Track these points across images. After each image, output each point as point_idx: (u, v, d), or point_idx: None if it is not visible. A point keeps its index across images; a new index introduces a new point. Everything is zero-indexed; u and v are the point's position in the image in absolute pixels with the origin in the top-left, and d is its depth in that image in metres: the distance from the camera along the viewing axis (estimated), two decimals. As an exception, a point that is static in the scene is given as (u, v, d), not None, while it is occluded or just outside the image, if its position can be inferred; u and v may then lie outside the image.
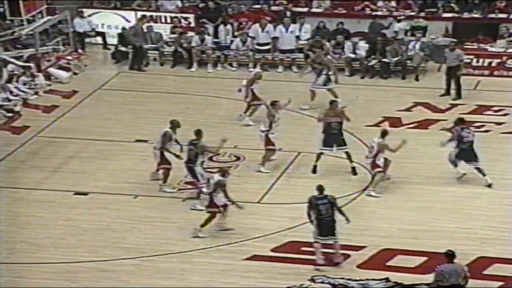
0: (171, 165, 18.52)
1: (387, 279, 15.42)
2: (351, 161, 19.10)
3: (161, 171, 18.65)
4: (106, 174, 19.41)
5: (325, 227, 15.83)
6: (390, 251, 16.26)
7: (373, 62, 25.49)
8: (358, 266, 15.87)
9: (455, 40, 25.42)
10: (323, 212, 15.83)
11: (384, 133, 18.45)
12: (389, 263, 15.96)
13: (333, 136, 19.02)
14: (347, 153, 19.14)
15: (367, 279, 15.41)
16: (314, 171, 19.13)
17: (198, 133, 18.23)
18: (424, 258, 15.99)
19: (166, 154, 18.54)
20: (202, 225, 16.79)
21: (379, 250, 16.31)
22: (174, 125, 18.71)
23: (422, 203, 18.04)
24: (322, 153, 19.12)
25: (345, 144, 19.12)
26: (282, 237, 16.79)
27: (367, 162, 18.67)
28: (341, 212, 16.02)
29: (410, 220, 17.35)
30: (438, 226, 17.10)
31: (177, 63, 26.42)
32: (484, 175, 18.56)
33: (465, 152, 18.64)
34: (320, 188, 16.04)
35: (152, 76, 25.77)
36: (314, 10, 27.93)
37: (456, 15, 27.13)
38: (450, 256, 14.01)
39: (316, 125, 20.51)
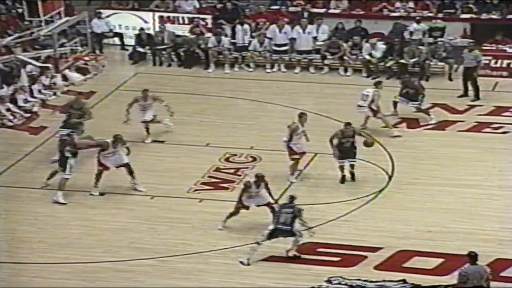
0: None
1: (404, 281, 15.38)
2: (352, 168, 18.98)
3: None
4: (123, 175, 19.41)
5: (277, 232, 15.98)
6: (407, 253, 16.22)
7: (391, 63, 25.43)
8: (375, 268, 15.84)
9: (473, 41, 25.31)
10: (281, 220, 15.93)
11: (377, 83, 20.88)
12: (405, 265, 15.92)
13: (345, 150, 18.86)
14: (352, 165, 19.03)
15: (383, 281, 15.38)
16: (342, 181, 18.96)
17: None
18: (441, 260, 15.94)
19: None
20: None
21: (396, 252, 16.28)
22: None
23: (439, 205, 17.98)
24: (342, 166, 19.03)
25: (355, 156, 19.00)
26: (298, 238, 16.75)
27: (363, 110, 20.11)
28: (303, 224, 16.08)
29: (427, 222, 17.30)
30: (455, 227, 17.05)
31: (194, 64, 26.46)
32: None
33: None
34: (291, 198, 16.20)
35: (169, 77, 25.82)
36: (331, 11, 27.88)
37: (474, 16, 27.03)
38: (473, 257, 13.92)
39: (333, 126, 20.55)
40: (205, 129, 21.68)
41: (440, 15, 27.07)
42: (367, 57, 25.57)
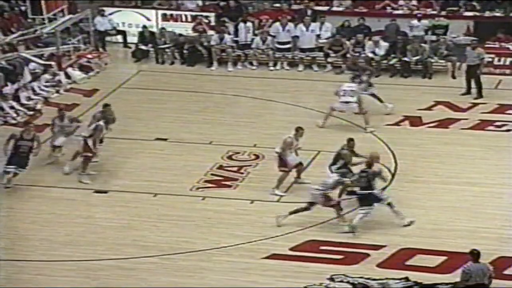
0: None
1: (406, 279, 15.38)
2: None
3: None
4: (126, 172, 19.49)
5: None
6: (410, 251, 16.22)
7: (394, 61, 25.42)
8: (378, 265, 15.85)
9: (476, 39, 25.29)
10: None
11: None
12: (408, 263, 15.92)
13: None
14: None
15: (386, 279, 15.38)
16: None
17: None
18: (444, 258, 15.94)
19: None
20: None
21: (399, 250, 16.28)
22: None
23: (442, 203, 17.98)
24: None
25: None
26: (301, 236, 16.79)
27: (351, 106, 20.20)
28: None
29: (429, 220, 17.30)
30: (458, 225, 17.05)
31: (197, 62, 26.48)
32: None
33: None
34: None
35: (172, 75, 25.84)
36: (335, 8, 27.87)
37: (477, 13, 27.02)
38: (476, 255, 13.91)
39: (336, 124, 20.57)
40: (208, 127, 21.69)
41: (443, 12, 27.05)
42: (370, 55, 25.56)
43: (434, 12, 27.12)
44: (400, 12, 27.30)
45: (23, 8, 28.14)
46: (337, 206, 17.13)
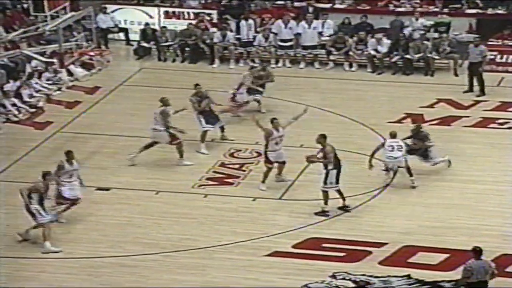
0: None
1: (408, 276, 15.40)
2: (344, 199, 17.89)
3: None
4: (128, 170, 19.49)
5: None
6: (412, 248, 16.23)
7: (396, 58, 25.42)
8: (380, 263, 15.86)
9: (478, 36, 25.29)
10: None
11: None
12: (410, 260, 15.93)
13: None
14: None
15: (388, 276, 15.39)
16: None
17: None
18: (446, 255, 15.95)
19: None
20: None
21: (401, 247, 16.29)
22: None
23: (444, 200, 17.99)
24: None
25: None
26: (303, 233, 16.82)
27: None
28: None
29: (431, 217, 17.31)
30: (460, 223, 17.06)
31: (199, 59, 26.51)
32: None
33: None
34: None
35: (174, 72, 25.86)
36: (337, 6, 27.85)
37: (480, 11, 27.00)
38: (478, 252, 13.91)
39: (338, 121, 20.55)
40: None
41: (445, 10, 27.04)
42: (373, 52, 25.56)
43: (437, 10, 27.09)
44: (402, 9, 27.26)
45: (25, 5, 28.15)
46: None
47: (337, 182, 17.48)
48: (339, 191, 17.58)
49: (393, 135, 18.64)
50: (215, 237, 16.72)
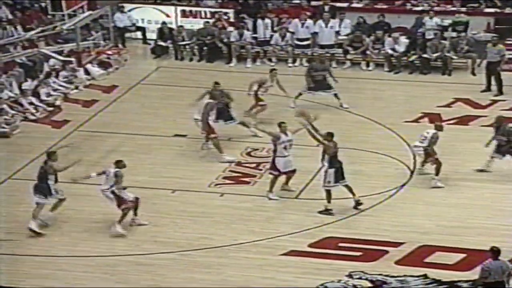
0: None
1: (425, 276, 15.34)
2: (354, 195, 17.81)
3: None
4: (145, 169, 19.52)
5: None
6: (429, 248, 16.17)
7: (413, 57, 25.34)
8: (396, 263, 15.80)
9: (496, 35, 25.17)
10: None
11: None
12: (427, 260, 15.87)
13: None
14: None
15: (405, 276, 15.34)
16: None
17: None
18: (463, 255, 15.88)
19: None
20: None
21: (418, 247, 16.23)
22: None
23: (460, 200, 17.92)
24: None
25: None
26: (319, 232, 16.79)
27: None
28: None
29: (448, 217, 17.24)
30: (477, 223, 16.98)
31: (216, 58, 26.53)
32: None
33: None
34: None
35: (191, 71, 25.88)
36: (354, 5, 27.80)
37: (498, 10, 26.87)
38: (496, 252, 13.84)
39: (355, 121, 20.47)
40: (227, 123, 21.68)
41: (463, 9, 26.92)
42: (390, 51, 25.49)
43: (455, 9, 26.98)
44: (419, 8, 27.17)
45: (43, 4, 28.26)
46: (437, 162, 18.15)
47: (342, 179, 17.38)
48: (347, 187, 17.49)
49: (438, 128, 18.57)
50: (231, 236, 16.71)
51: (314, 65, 22.92)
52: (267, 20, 26.62)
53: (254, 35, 26.53)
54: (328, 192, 17.42)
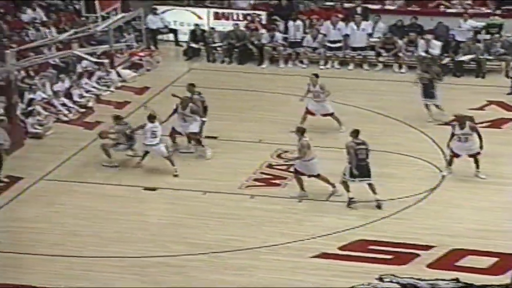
0: None
1: (457, 280, 15.18)
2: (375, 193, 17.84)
3: None
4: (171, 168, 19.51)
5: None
6: (460, 251, 16.00)
7: (446, 60, 25.14)
8: (427, 266, 15.66)
9: (530, 37, 24.97)
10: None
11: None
12: (458, 263, 15.71)
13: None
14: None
15: (436, 279, 15.19)
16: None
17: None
18: (495, 259, 15.70)
19: None
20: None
21: (449, 250, 16.07)
22: None
23: (493, 203, 17.73)
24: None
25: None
26: (350, 235, 16.68)
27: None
28: None
29: (480, 220, 17.06)
30: (510, 226, 16.78)
31: (247, 60, 26.52)
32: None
33: None
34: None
35: (223, 73, 25.90)
36: (387, 7, 27.65)
37: (533, 12, 26.65)
38: None
39: (386, 123, 20.33)
40: (257, 125, 21.67)
41: (498, 11, 26.68)
42: (423, 54, 25.31)
43: (489, 11, 26.74)
44: (453, 10, 26.97)
45: (77, 6, 28.42)
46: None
47: (360, 176, 17.48)
48: (369, 185, 17.57)
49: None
50: (262, 238, 16.66)
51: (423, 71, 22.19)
52: (299, 22, 26.56)
53: (285, 36, 26.47)
54: (344, 183, 17.67)
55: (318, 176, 18.05)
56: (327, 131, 20.75)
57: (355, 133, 17.69)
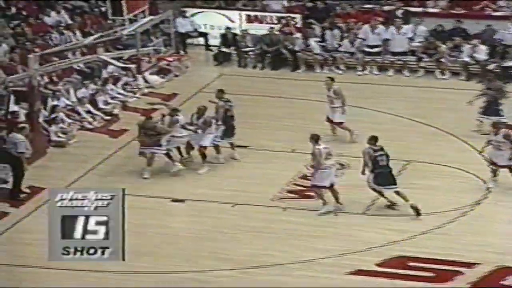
0: None
1: (502, 299, 15.11)
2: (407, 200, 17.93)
3: None
4: (204, 181, 19.59)
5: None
6: (506, 269, 15.87)
7: (492, 66, 24.99)
8: (471, 285, 15.53)
9: None
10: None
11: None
12: (505, 282, 15.58)
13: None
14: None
15: (480, 299, 15.13)
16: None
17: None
18: (545, 278, 15.59)
19: None
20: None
21: (494, 268, 15.94)
22: None
23: (543, 218, 17.61)
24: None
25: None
26: (388, 251, 16.61)
27: None
28: None
29: (529, 236, 16.96)
30: (560, 243, 16.66)
31: (281, 65, 26.55)
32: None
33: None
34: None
35: (254, 79, 25.94)
36: (429, 10, 27.54)
37: None
38: None
39: (427, 132, 20.23)
40: (290, 134, 21.65)
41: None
42: (467, 59, 25.18)
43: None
44: (500, 13, 26.79)
45: (103, 9, 28.59)
46: None
47: (386, 184, 17.75)
48: (397, 193, 17.76)
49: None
50: (295, 253, 16.62)
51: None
52: (336, 31, 26.50)
53: (322, 44, 26.43)
54: (375, 190, 17.86)
55: (330, 187, 18.06)
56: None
57: (373, 139, 17.78)
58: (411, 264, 16.19)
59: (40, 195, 19.04)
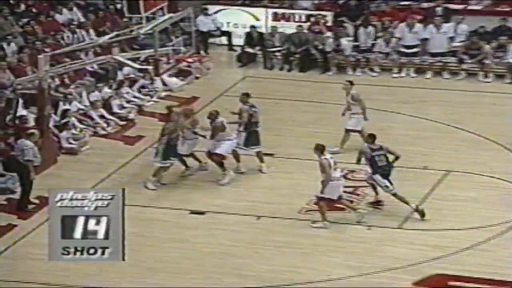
0: None
1: (549, 321, 14.95)
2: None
3: None
4: (226, 191, 19.59)
5: None
6: (559, 290, 15.79)
7: (540, 68, 24.91)
8: (518, 306, 15.48)
9: None
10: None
11: None
12: (553, 303, 15.51)
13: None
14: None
15: (518, 320, 15.00)
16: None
17: None
18: None
19: None
20: None
21: (535, 288, 15.86)
22: None
23: None
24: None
25: None
26: (426, 268, 16.50)
27: None
28: None
29: None
30: None
31: (310, 67, 26.53)
32: None
33: None
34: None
35: (281, 82, 25.94)
36: (472, 7, 27.42)
37: None
38: None
39: (468, 139, 20.11)
40: (320, 140, 21.46)
41: None
42: (512, 60, 25.13)
43: None
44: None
45: (118, 6, 28.69)
46: None
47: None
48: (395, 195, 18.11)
49: None
50: (324, 270, 16.58)
51: None
52: (370, 28, 26.42)
53: (355, 44, 26.37)
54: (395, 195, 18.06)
55: (338, 199, 18.16)
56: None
57: (371, 138, 18.08)
58: (452, 283, 16.05)
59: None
